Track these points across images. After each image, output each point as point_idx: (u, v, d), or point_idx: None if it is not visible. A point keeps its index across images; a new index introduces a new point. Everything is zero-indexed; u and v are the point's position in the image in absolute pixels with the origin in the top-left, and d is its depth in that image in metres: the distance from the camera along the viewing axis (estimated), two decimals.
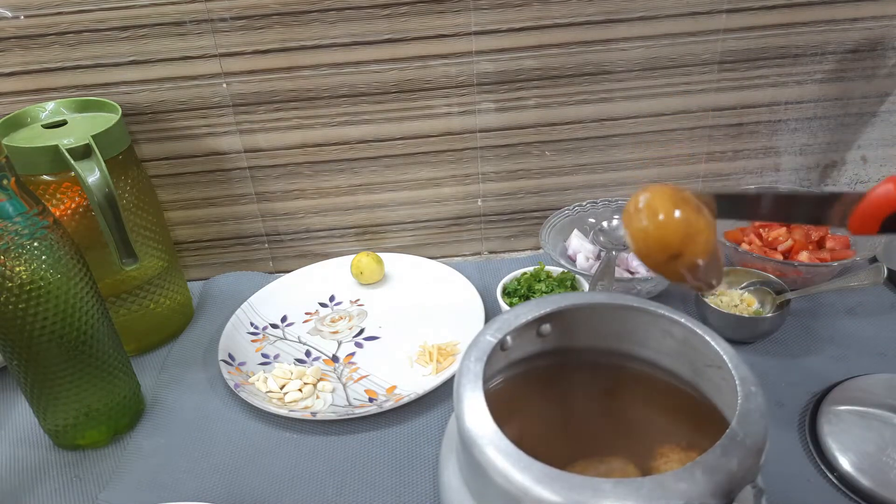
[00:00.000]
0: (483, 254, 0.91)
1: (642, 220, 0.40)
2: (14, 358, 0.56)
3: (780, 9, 0.76)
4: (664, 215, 0.40)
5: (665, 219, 0.40)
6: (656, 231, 0.40)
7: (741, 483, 0.34)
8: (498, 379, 0.48)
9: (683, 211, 0.40)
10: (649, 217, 0.40)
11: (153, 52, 0.73)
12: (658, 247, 0.40)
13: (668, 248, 0.40)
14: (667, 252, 0.40)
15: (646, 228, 0.40)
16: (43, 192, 0.64)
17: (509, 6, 0.73)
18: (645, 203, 0.40)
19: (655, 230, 0.40)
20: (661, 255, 0.40)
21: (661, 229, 0.40)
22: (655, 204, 0.40)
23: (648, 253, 0.41)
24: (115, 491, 0.59)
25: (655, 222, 0.40)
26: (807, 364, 0.67)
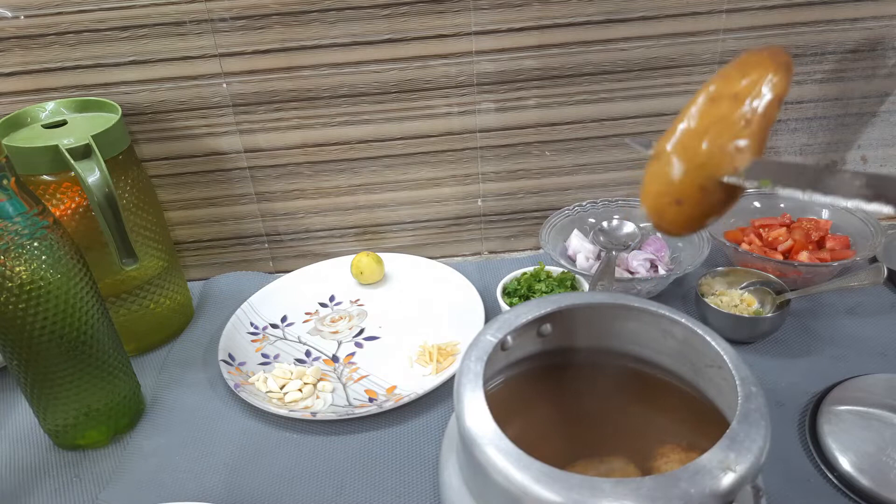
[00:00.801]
0: (483, 254, 0.91)
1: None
2: (14, 358, 0.56)
3: (780, 9, 0.76)
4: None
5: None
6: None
7: (741, 483, 0.34)
8: (498, 379, 0.48)
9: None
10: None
11: (153, 52, 0.73)
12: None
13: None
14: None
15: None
16: (43, 192, 0.64)
17: (509, 6, 0.73)
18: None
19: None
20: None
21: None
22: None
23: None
24: (115, 491, 0.59)
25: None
26: (807, 364, 0.67)
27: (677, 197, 0.37)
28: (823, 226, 0.77)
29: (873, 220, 0.76)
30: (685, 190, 0.37)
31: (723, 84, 0.37)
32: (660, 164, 0.38)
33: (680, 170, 0.37)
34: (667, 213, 0.38)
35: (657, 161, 0.38)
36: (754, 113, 0.35)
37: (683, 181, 0.36)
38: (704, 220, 0.37)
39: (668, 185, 0.37)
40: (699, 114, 0.37)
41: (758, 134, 0.35)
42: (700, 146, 0.36)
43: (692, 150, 0.36)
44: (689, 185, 0.36)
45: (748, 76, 0.36)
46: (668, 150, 0.37)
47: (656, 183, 0.38)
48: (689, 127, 0.37)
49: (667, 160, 0.37)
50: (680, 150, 0.37)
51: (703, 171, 0.36)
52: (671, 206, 0.37)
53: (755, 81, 0.36)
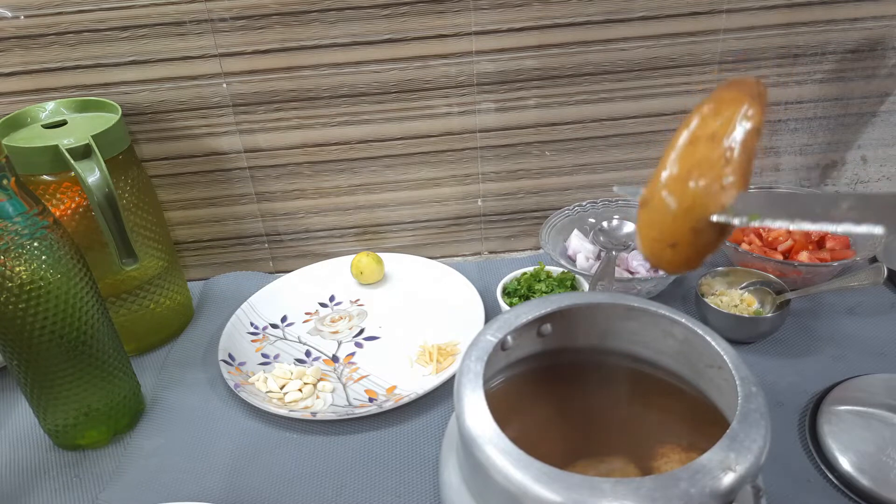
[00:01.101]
0: (483, 254, 0.91)
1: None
2: (14, 358, 0.56)
3: (780, 9, 0.76)
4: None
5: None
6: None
7: (741, 483, 0.34)
8: (498, 379, 0.48)
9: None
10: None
11: (153, 52, 0.73)
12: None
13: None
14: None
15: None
16: (43, 192, 0.64)
17: (509, 6, 0.73)
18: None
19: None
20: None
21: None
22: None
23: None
24: (115, 491, 0.59)
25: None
26: (807, 364, 0.67)
27: (671, 241, 0.37)
28: None
29: None
30: (677, 234, 0.37)
31: (699, 125, 0.38)
32: (649, 211, 0.38)
33: (670, 215, 0.37)
34: (664, 256, 0.38)
35: (646, 208, 0.38)
36: (733, 150, 0.36)
37: (674, 226, 0.37)
38: (701, 257, 0.38)
39: (660, 231, 0.38)
40: (680, 158, 0.37)
41: (740, 168, 0.36)
42: (686, 190, 0.36)
43: (679, 194, 0.37)
44: (681, 228, 0.37)
45: (722, 114, 0.37)
46: (656, 197, 0.38)
47: (649, 229, 0.38)
48: (672, 173, 0.37)
49: (656, 207, 0.37)
50: (667, 197, 0.37)
51: (693, 214, 0.36)
52: (667, 250, 0.38)
53: (730, 118, 0.36)
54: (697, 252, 0.37)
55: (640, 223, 0.39)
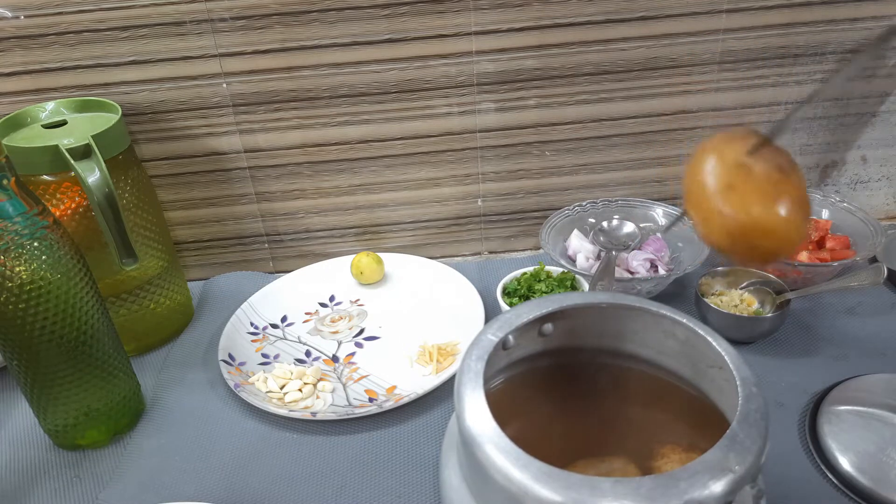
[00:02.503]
0: (483, 254, 0.91)
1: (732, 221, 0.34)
2: (14, 358, 0.56)
3: (780, 9, 0.76)
4: (761, 218, 0.33)
5: (765, 223, 0.33)
6: (758, 240, 0.34)
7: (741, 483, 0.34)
8: (499, 378, 0.48)
9: (786, 203, 0.33)
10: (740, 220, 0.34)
11: (153, 52, 0.73)
12: (765, 252, 0.35)
13: (778, 252, 0.35)
14: (776, 254, 0.35)
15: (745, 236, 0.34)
16: (43, 192, 0.64)
17: (509, 6, 0.73)
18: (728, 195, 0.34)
19: (757, 239, 0.34)
20: (767, 255, 0.35)
21: (763, 238, 0.34)
22: (745, 200, 0.33)
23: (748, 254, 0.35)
24: (115, 491, 0.59)
25: (753, 229, 0.34)
26: (807, 364, 0.67)
27: (725, 184, 0.35)
28: (823, 226, 0.77)
29: (873, 220, 0.76)
30: (724, 174, 0.35)
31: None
32: (692, 190, 0.36)
33: (708, 166, 0.35)
34: (736, 215, 0.35)
35: (690, 196, 0.36)
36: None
37: (718, 167, 0.35)
38: (776, 201, 0.35)
39: (707, 182, 0.35)
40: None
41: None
42: (711, 144, 0.36)
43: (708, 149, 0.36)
44: (725, 165, 0.35)
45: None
46: (691, 171, 0.36)
47: (699, 197, 0.36)
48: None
49: (694, 176, 0.36)
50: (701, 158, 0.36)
51: (727, 152, 0.35)
52: (732, 199, 0.35)
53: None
54: (763, 188, 0.34)
55: (694, 216, 0.36)
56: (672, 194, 0.87)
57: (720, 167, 0.35)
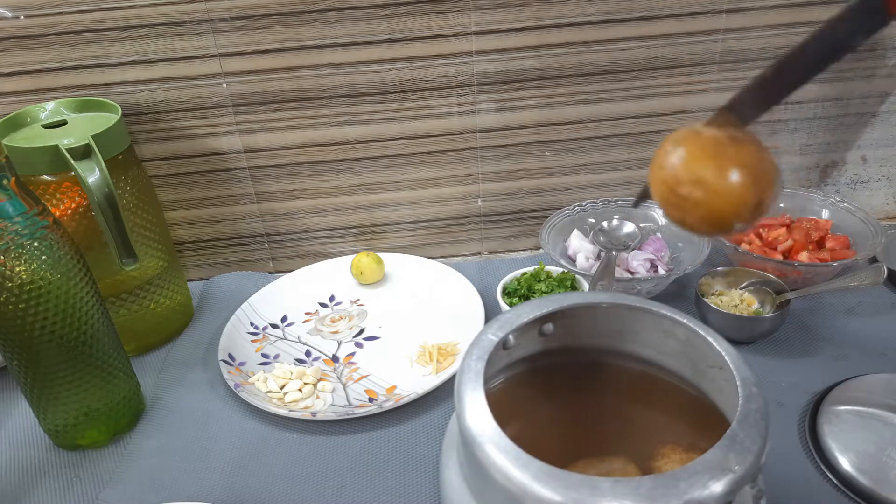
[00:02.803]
0: (483, 254, 0.91)
1: (690, 194, 0.33)
2: (14, 358, 0.56)
3: (780, 9, 0.76)
4: (716, 185, 0.33)
5: (720, 190, 0.33)
6: (714, 208, 0.33)
7: (741, 483, 0.34)
8: (499, 378, 0.48)
9: (725, 162, 0.33)
10: (697, 190, 0.33)
11: (153, 52, 0.73)
12: (720, 220, 0.34)
13: (736, 217, 0.33)
14: (733, 221, 0.34)
15: (699, 203, 0.33)
16: (43, 192, 0.64)
17: (509, 6, 0.73)
18: (685, 173, 0.33)
19: (713, 207, 0.33)
20: (725, 225, 0.34)
21: (719, 203, 0.33)
22: (700, 172, 0.33)
23: (707, 226, 0.34)
24: (115, 491, 0.59)
25: (709, 199, 0.33)
26: (807, 364, 0.67)
27: (674, 142, 0.35)
28: (823, 226, 0.77)
29: (873, 220, 0.76)
30: (677, 139, 0.35)
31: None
32: (657, 160, 0.36)
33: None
34: (689, 171, 0.34)
35: (654, 164, 0.36)
36: None
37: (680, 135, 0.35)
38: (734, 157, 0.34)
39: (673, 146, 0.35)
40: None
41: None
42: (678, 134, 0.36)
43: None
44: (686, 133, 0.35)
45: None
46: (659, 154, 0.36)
47: (662, 160, 0.35)
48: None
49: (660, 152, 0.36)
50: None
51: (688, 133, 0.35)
52: (671, 152, 0.34)
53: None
54: (705, 145, 0.34)
55: (653, 169, 0.36)
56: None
57: (678, 133, 0.35)
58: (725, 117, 0.36)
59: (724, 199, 0.33)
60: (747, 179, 0.33)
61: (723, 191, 0.33)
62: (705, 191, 0.33)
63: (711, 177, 0.33)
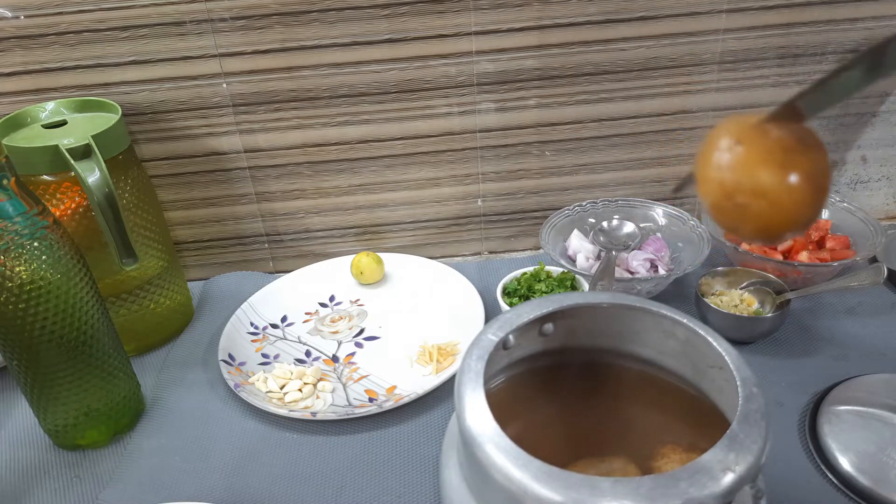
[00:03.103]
0: (483, 254, 0.91)
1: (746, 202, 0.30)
2: (14, 358, 0.56)
3: (780, 9, 0.76)
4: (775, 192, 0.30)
5: (779, 196, 0.30)
6: (774, 217, 0.30)
7: (741, 483, 0.34)
8: (499, 378, 0.48)
9: (794, 171, 0.30)
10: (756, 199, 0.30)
11: (153, 52, 0.73)
12: (780, 228, 0.31)
13: (794, 229, 0.31)
14: (790, 233, 0.31)
15: (759, 214, 0.31)
16: (43, 192, 0.64)
17: (509, 6, 0.73)
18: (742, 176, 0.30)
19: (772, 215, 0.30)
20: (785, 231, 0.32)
21: (778, 214, 0.30)
22: (758, 178, 0.30)
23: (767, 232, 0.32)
24: (115, 491, 0.59)
25: (769, 206, 0.30)
26: (807, 364, 0.67)
27: (735, 138, 0.31)
28: (823, 226, 0.77)
29: (873, 220, 0.76)
30: (734, 130, 0.32)
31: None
32: (702, 158, 0.33)
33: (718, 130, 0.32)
34: (741, 180, 0.31)
35: (700, 162, 0.33)
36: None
37: (729, 126, 0.32)
38: (790, 169, 0.31)
39: (719, 136, 0.32)
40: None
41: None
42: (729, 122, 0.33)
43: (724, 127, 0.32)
44: (737, 124, 0.32)
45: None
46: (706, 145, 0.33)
47: (707, 157, 0.33)
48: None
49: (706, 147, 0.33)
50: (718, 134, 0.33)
51: (740, 119, 0.32)
52: (734, 149, 0.31)
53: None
54: (772, 149, 0.31)
55: (698, 179, 0.33)
56: (672, 194, 0.87)
57: (735, 126, 0.32)
58: (791, 110, 0.32)
59: (787, 213, 0.31)
60: (813, 192, 0.30)
61: (788, 204, 0.30)
62: (769, 203, 0.31)
63: (778, 189, 0.30)
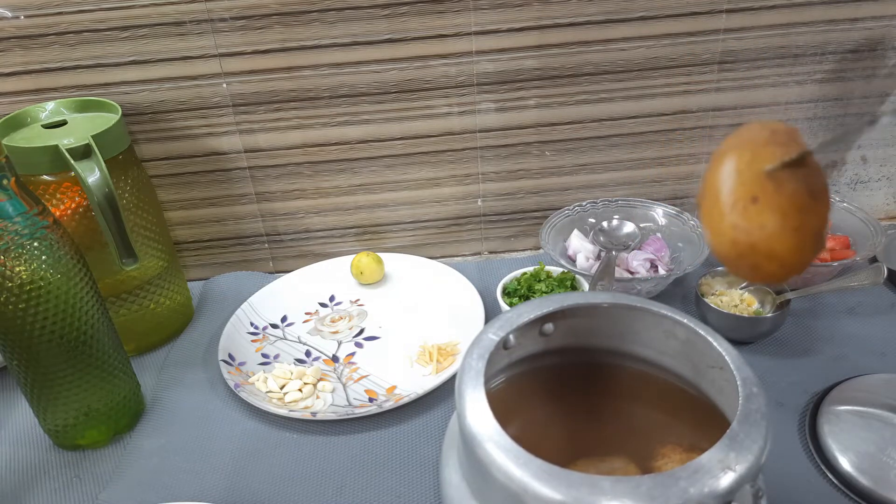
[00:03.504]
0: (483, 254, 0.91)
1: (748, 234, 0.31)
2: (14, 358, 0.56)
3: (780, 9, 0.76)
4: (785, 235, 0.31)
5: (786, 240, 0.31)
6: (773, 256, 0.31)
7: (741, 483, 0.34)
8: (500, 378, 0.48)
9: (805, 234, 0.31)
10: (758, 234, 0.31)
11: (153, 52, 0.73)
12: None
13: (775, 278, 0.32)
14: (773, 279, 0.32)
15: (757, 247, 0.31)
16: (43, 192, 0.64)
17: (509, 6, 0.73)
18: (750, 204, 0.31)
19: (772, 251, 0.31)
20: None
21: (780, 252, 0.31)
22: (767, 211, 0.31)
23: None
24: (115, 491, 0.59)
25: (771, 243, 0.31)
26: (807, 364, 0.67)
27: (750, 195, 0.31)
28: None
29: (873, 220, 0.76)
30: (750, 184, 0.31)
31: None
32: (709, 194, 0.33)
33: (734, 172, 0.32)
34: (752, 230, 0.32)
35: (705, 198, 0.33)
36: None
37: (744, 177, 0.32)
38: (798, 222, 0.31)
39: (730, 192, 0.32)
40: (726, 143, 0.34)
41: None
42: (743, 144, 0.33)
43: (737, 150, 0.33)
44: (752, 176, 0.32)
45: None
46: (711, 172, 0.33)
47: (715, 206, 0.33)
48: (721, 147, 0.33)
49: (714, 179, 0.33)
50: (725, 158, 0.33)
51: (757, 160, 0.32)
52: (750, 215, 0.31)
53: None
54: (787, 211, 0.31)
55: (705, 216, 0.33)
56: (671, 194, 0.88)
57: (749, 173, 0.32)
58: (807, 158, 0.32)
59: (793, 270, 0.32)
60: (818, 246, 0.32)
61: (796, 264, 0.32)
62: (779, 265, 0.32)
63: (790, 253, 0.32)
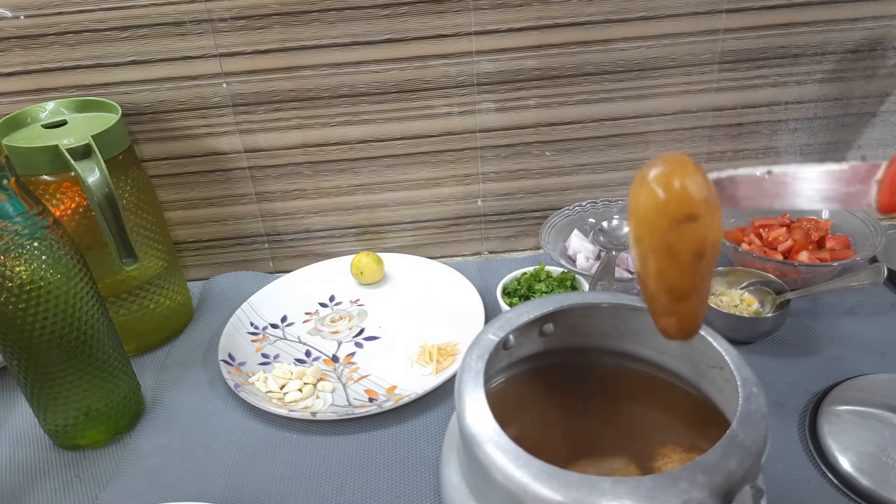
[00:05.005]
0: (483, 254, 0.91)
1: (657, 182, 0.34)
2: (14, 358, 0.56)
3: (780, 9, 0.76)
4: (684, 173, 0.34)
5: (686, 175, 0.34)
6: (675, 185, 0.34)
7: (741, 483, 0.34)
8: (499, 378, 0.48)
9: (704, 177, 0.34)
10: (665, 177, 0.34)
11: (153, 52, 0.73)
12: (675, 204, 0.34)
13: (687, 204, 0.34)
14: (685, 209, 0.34)
15: (663, 181, 0.34)
16: (43, 192, 0.64)
17: (509, 6, 0.73)
18: (660, 170, 0.35)
19: (674, 184, 0.34)
20: (675, 216, 0.34)
21: (682, 181, 0.34)
22: (672, 166, 0.34)
23: (657, 215, 0.34)
24: (115, 491, 0.59)
25: (673, 177, 0.34)
26: (807, 364, 0.67)
27: (689, 213, 0.34)
28: (823, 226, 0.77)
29: (873, 220, 0.76)
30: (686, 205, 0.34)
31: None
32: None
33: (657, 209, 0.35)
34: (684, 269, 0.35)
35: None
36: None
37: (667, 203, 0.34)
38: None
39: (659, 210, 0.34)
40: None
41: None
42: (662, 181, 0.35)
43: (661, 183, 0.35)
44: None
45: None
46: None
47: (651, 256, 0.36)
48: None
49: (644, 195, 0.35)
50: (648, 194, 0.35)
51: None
52: (686, 226, 0.34)
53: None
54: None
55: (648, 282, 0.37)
56: None
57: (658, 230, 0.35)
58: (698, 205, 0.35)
59: (683, 328, 0.39)
60: (702, 305, 0.38)
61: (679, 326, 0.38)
62: (677, 322, 0.38)
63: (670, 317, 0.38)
